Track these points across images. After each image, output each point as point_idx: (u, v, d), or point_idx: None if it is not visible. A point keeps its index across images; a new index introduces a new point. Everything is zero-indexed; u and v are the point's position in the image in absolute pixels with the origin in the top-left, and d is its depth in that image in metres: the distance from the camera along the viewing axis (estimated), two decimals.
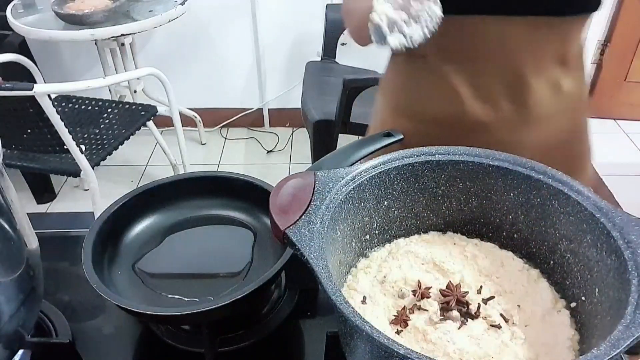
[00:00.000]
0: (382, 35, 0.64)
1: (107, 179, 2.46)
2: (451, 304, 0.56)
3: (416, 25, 0.64)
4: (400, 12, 0.64)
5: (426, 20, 0.64)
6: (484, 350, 0.52)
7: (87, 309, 0.75)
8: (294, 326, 0.72)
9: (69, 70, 2.75)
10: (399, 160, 0.62)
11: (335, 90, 2.01)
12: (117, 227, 0.74)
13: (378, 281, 0.60)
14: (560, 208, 0.58)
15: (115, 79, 1.97)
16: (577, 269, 0.57)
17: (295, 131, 2.91)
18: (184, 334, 0.70)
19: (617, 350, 0.42)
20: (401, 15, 0.64)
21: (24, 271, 0.59)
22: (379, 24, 0.64)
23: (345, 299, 0.46)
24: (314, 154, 2.16)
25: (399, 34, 0.64)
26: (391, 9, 0.64)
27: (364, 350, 0.48)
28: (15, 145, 1.86)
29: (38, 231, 0.67)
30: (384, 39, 0.64)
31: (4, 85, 1.57)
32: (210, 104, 2.87)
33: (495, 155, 0.62)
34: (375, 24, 0.64)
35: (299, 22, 2.64)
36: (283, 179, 0.59)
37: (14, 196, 0.60)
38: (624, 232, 0.51)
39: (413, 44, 0.65)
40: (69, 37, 2.08)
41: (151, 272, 0.72)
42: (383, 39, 0.64)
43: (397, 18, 0.64)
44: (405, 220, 0.66)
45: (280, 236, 0.53)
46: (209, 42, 2.69)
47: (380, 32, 0.64)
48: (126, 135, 2.02)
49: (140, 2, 2.24)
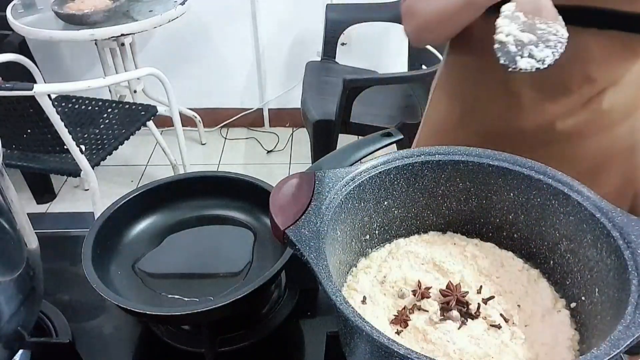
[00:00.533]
0: (512, 57, 0.63)
1: (107, 179, 2.46)
2: (451, 304, 0.56)
3: (546, 49, 0.63)
4: (528, 34, 0.63)
5: (555, 42, 0.63)
6: (484, 350, 0.52)
7: (87, 309, 0.75)
8: (294, 326, 0.72)
9: (69, 70, 2.75)
10: (399, 160, 0.62)
11: (335, 90, 2.01)
12: (117, 227, 0.74)
13: (378, 281, 0.60)
14: (560, 208, 0.58)
15: (115, 79, 1.98)
16: (577, 269, 0.57)
17: (295, 131, 2.91)
18: (184, 334, 0.70)
19: (617, 350, 0.42)
20: (529, 36, 0.63)
21: (24, 271, 0.59)
22: (507, 44, 0.63)
23: (345, 299, 0.46)
24: (314, 154, 2.16)
25: (530, 58, 0.63)
26: (517, 29, 0.63)
27: (364, 350, 0.48)
28: (15, 145, 1.86)
29: (38, 231, 0.67)
30: (514, 61, 0.63)
31: (4, 85, 1.57)
32: (210, 104, 2.87)
33: (495, 155, 0.62)
34: (503, 43, 0.63)
35: (299, 22, 2.64)
36: (283, 179, 0.59)
37: (14, 196, 0.60)
38: (624, 232, 0.51)
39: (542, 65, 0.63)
40: (69, 37, 2.08)
41: (151, 272, 0.72)
42: (513, 61, 0.63)
43: (526, 39, 0.63)
44: (405, 220, 0.66)
45: (280, 236, 0.53)
46: (209, 42, 2.70)
47: (509, 53, 0.63)
48: (126, 135, 2.02)
49: (140, 2, 2.24)
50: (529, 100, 0.81)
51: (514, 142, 0.83)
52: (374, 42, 2.66)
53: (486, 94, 0.85)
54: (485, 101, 0.85)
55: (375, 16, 2.39)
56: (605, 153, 0.85)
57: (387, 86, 2.28)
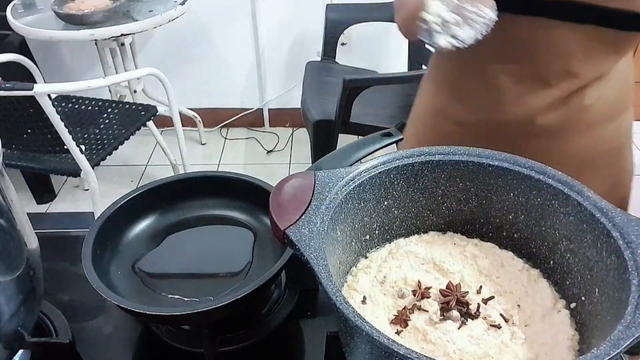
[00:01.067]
0: (431, 34, 0.64)
1: (107, 179, 2.46)
2: (451, 304, 0.56)
3: (469, 29, 0.64)
4: (453, 14, 0.64)
5: (479, 24, 0.64)
6: (484, 350, 0.52)
7: (87, 309, 0.75)
8: (294, 326, 0.72)
9: (69, 70, 2.75)
10: (399, 160, 0.62)
11: (335, 90, 2.01)
12: (117, 227, 0.74)
13: (378, 281, 0.60)
14: (560, 208, 0.58)
15: (115, 79, 1.97)
16: (577, 269, 0.57)
17: (295, 131, 2.91)
18: (184, 334, 0.70)
19: (617, 350, 0.42)
20: (455, 17, 0.64)
21: (24, 271, 0.59)
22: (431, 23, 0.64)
23: (345, 299, 0.46)
24: (314, 154, 2.16)
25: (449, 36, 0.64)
26: (444, 10, 0.64)
27: (364, 350, 0.48)
28: (15, 145, 1.85)
29: (38, 231, 0.67)
30: (432, 38, 0.65)
31: (4, 85, 1.57)
32: (210, 104, 2.87)
33: (495, 155, 0.62)
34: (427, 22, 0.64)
35: (299, 22, 2.63)
36: (283, 179, 0.59)
37: (14, 196, 0.60)
38: (624, 232, 0.51)
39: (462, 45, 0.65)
40: (69, 37, 2.08)
41: (151, 272, 0.72)
42: (431, 38, 0.65)
43: (450, 19, 0.64)
44: (405, 220, 0.66)
45: (280, 236, 0.53)
46: (209, 42, 2.69)
47: (430, 31, 0.64)
48: (126, 135, 2.02)
49: (140, 2, 2.24)
50: (509, 92, 0.81)
51: (495, 134, 0.83)
52: (374, 42, 2.66)
53: (469, 85, 0.85)
54: (468, 92, 0.86)
55: (375, 16, 2.39)
56: (590, 153, 0.85)
57: (387, 86, 2.28)
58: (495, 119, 0.83)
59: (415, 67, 2.38)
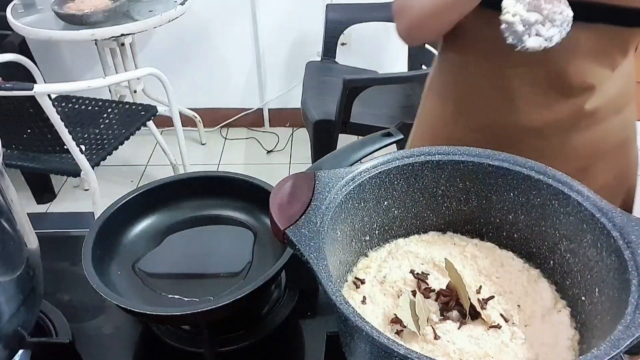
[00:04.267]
0: (519, 36, 0.64)
1: (107, 179, 2.46)
2: (451, 304, 0.56)
3: (552, 27, 0.64)
4: (534, 13, 0.64)
5: (559, 21, 0.64)
6: (484, 350, 0.52)
7: (87, 309, 0.75)
8: (294, 326, 0.72)
9: (69, 70, 2.75)
10: (399, 160, 0.62)
11: (335, 90, 2.01)
12: (117, 227, 0.74)
13: (378, 281, 0.60)
14: (560, 208, 0.58)
15: (115, 79, 1.97)
16: (577, 269, 0.57)
17: (295, 131, 2.91)
18: (184, 334, 0.70)
19: (617, 350, 0.42)
20: (536, 16, 0.64)
21: (24, 271, 0.59)
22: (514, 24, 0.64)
23: (345, 299, 0.46)
24: (314, 154, 2.16)
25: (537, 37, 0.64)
26: (523, 9, 0.64)
27: (364, 350, 0.48)
28: (15, 145, 1.86)
29: (38, 231, 0.66)
30: (521, 40, 0.64)
31: (4, 85, 1.57)
32: (210, 104, 2.87)
33: (495, 155, 0.62)
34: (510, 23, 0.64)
35: (299, 22, 2.64)
36: (283, 179, 0.59)
37: (14, 196, 0.60)
38: (624, 232, 0.51)
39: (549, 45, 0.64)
40: (69, 37, 2.08)
41: (151, 272, 0.72)
42: (520, 40, 0.64)
43: (532, 19, 0.64)
44: (405, 220, 0.66)
45: (280, 236, 0.53)
46: (209, 42, 2.70)
47: (517, 33, 0.64)
48: (126, 135, 2.02)
49: (140, 2, 2.24)
50: (520, 94, 0.81)
51: (506, 135, 0.83)
52: (374, 42, 2.66)
53: (478, 89, 0.85)
54: (477, 96, 0.86)
55: (375, 16, 2.39)
56: (597, 147, 0.85)
57: (387, 86, 2.28)
58: (509, 121, 0.83)
59: (415, 67, 2.38)
